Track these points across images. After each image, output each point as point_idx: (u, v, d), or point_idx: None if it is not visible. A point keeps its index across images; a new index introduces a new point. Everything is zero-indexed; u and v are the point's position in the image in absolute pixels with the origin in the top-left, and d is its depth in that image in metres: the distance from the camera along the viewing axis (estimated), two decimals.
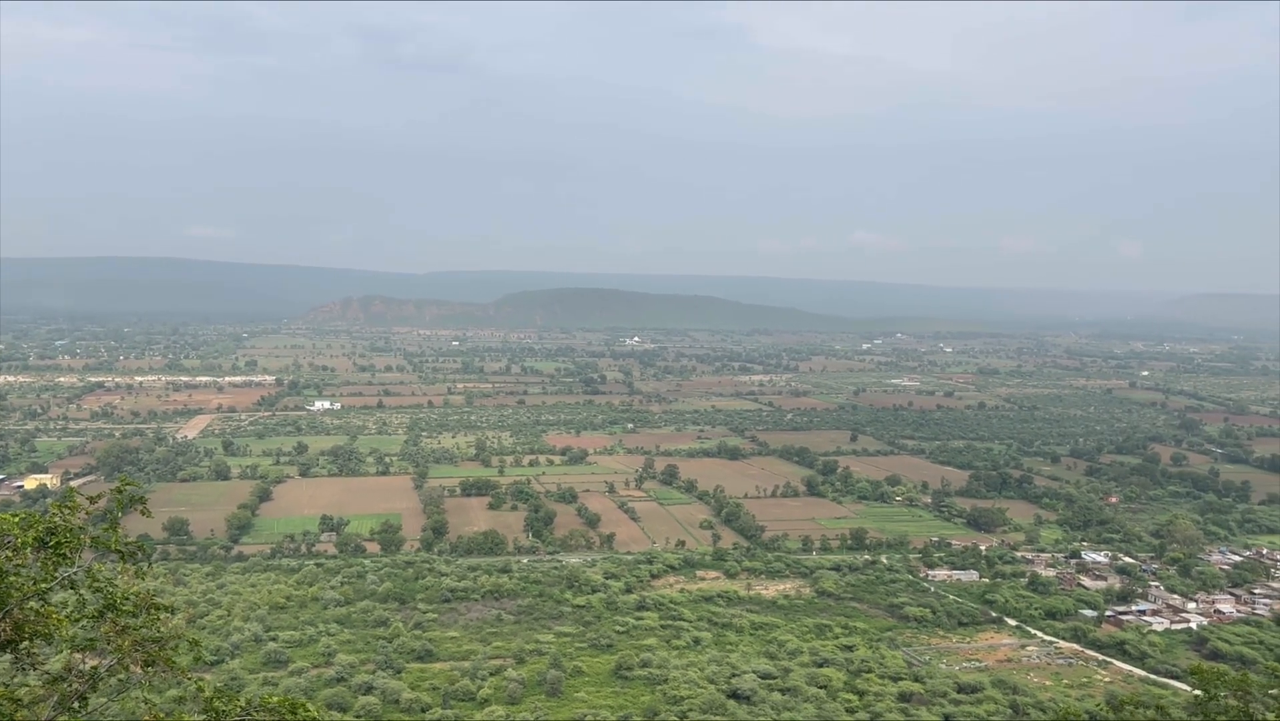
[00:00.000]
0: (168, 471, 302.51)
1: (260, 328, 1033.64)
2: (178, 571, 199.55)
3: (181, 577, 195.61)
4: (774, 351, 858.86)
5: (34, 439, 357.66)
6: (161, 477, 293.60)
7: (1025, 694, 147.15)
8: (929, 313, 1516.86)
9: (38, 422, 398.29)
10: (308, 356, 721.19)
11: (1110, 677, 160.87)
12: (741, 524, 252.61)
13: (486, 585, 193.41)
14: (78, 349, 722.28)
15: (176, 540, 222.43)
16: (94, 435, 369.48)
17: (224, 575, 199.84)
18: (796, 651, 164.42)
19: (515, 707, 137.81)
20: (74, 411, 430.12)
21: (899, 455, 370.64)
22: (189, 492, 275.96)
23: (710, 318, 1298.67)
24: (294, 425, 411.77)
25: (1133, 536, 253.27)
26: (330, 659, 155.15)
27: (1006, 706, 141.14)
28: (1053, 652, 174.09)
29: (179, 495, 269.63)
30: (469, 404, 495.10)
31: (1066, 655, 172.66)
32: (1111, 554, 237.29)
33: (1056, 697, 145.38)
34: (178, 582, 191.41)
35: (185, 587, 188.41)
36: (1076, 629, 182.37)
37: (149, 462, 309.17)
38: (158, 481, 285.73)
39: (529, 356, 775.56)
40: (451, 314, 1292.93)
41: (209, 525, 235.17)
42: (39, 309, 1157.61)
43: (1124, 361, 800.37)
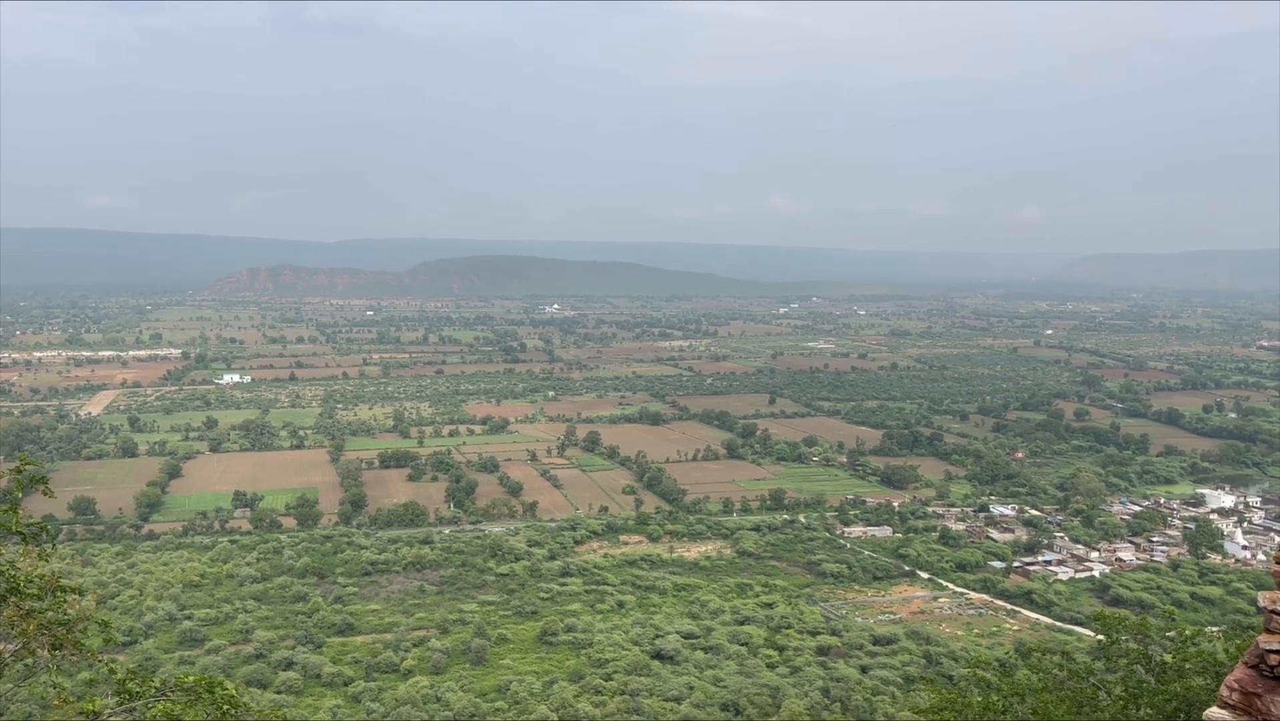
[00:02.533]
0: (71, 450, 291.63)
1: (164, 299, 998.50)
2: (85, 552, 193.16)
3: (90, 558, 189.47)
4: (693, 317, 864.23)
5: None
6: (65, 456, 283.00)
7: (938, 644, 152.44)
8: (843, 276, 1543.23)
9: None
10: (215, 329, 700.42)
11: (1018, 626, 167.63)
12: (663, 488, 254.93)
13: (408, 557, 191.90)
14: None
15: (83, 520, 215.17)
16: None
17: (134, 554, 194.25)
18: (719, 611, 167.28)
19: (440, 677, 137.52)
20: None
21: (816, 416, 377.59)
22: (95, 471, 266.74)
23: (629, 284, 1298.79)
24: (203, 400, 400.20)
25: (1038, 490, 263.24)
26: (248, 636, 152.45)
27: (920, 656, 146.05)
28: (964, 603, 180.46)
29: (84, 474, 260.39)
30: (385, 375, 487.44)
31: (977, 605, 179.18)
32: (1018, 507, 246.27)
33: (968, 647, 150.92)
34: (86, 563, 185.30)
35: (94, 568, 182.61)
36: (986, 580, 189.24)
37: (51, 441, 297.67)
38: (61, 460, 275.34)
39: (446, 326, 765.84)
40: (365, 283, 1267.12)
41: (117, 504, 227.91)
42: None
43: (1029, 321, 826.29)
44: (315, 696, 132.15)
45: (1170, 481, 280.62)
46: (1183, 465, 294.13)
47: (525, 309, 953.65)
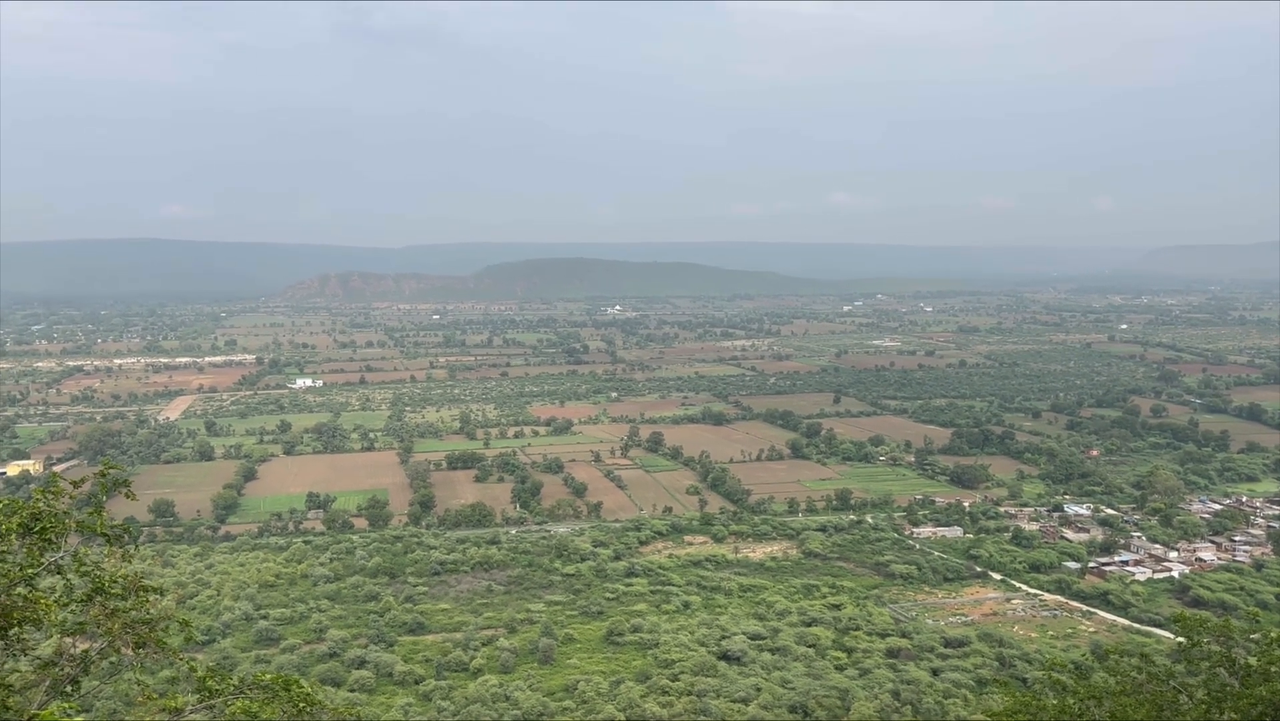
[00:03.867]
0: (151, 453, 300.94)
1: (238, 306, 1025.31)
2: (165, 553, 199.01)
3: (169, 559, 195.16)
4: (755, 316, 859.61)
5: (14, 425, 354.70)
6: (145, 460, 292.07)
7: (1011, 646, 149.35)
8: (908, 272, 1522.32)
9: (17, 409, 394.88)
10: (287, 334, 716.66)
11: (1094, 628, 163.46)
12: (727, 488, 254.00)
13: (476, 557, 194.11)
14: (55, 333, 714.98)
15: (163, 522, 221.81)
16: (75, 419, 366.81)
17: (212, 555, 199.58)
18: (785, 612, 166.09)
19: (508, 676, 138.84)
20: (54, 396, 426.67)
21: (882, 415, 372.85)
22: (173, 474, 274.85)
23: (690, 284, 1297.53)
24: (276, 404, 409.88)
25: (1114, 488, 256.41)
26: (322, 635, 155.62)
27: (993, 659, 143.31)
28: (1037, 605, 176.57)
29: (163, 477, 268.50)
30: (452, 377, 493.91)
31: (1051, 607, 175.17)
32: (1094, 506, 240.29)
33: (1042, 649, 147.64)
34: (166, 564, 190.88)
35: (173, 569, 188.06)
36: (1060, 581, 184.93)
37: (132, 445, 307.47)
38: (141, 464, 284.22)
39: (511, 328, 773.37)
40: (431, 288, 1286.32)
41: (195, 506, 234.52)
42: (14, 295, 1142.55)
43: (1103, 315, 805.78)
44: (387, 695, 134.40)
45: (1253, 479, 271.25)
46: (1266, 462, 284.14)
47: (587, 310, 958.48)
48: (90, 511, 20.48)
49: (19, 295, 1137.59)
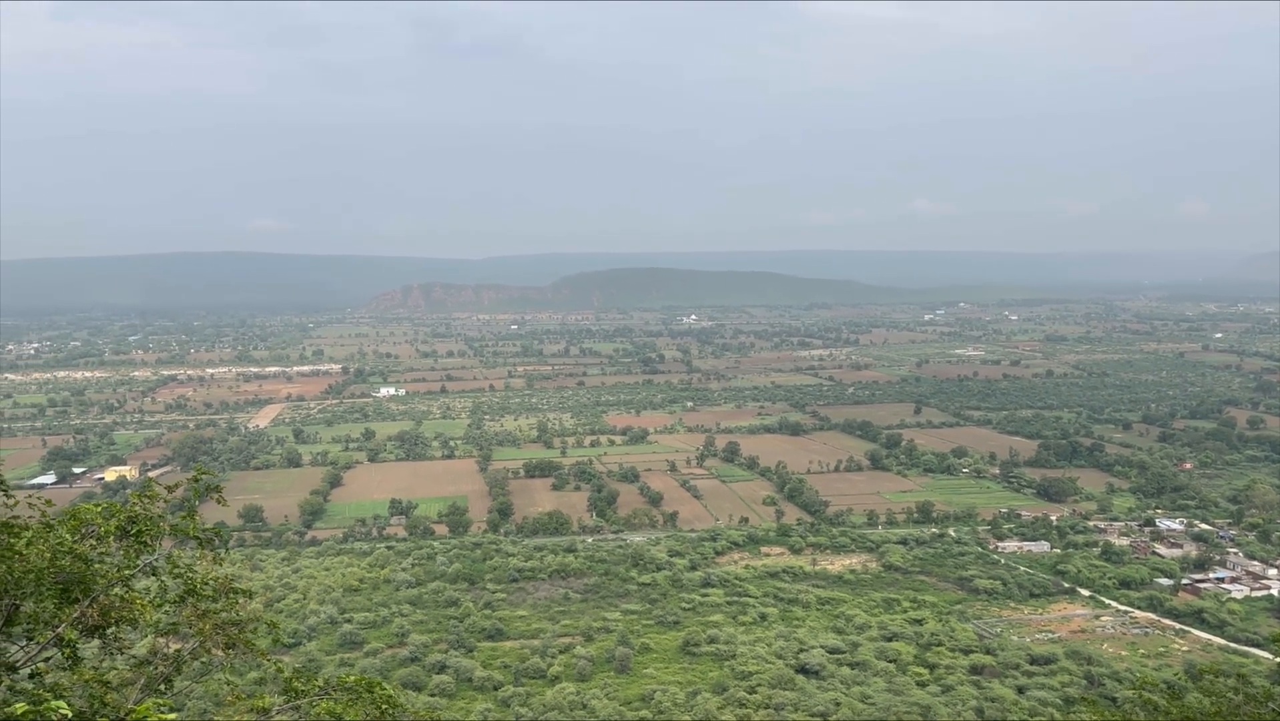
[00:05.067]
0: (241, 460, 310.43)
1: (325, 317, 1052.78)
2: (254, 557, 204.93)
3: (258, 563, 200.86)
4: (833, 325, 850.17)
5: (112, 432, 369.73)
6: (235, 466, 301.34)
7: (1100, 664, 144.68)
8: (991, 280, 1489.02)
9: (115, 416, 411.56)
10: (372, 344, 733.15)
11: (1188, 646, 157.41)
12: (805, 499, 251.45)
13: (553, 564, 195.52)
14: (150, 343, 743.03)
15: (252, 526, 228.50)
16: (169, 427, 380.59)
17: (299, 559, 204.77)
18: (865, 626, 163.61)
19: (585, 684, 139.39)
20: (149, 404, 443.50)
21: (965, 426, 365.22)
22: (262, 480, 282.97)
23: (766, 293, 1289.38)
24: (361, 412, 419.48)
25: (1209, 502, 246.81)
26: (404, 639, 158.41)
27: (1081, 677, 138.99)
28: (1128, 622, 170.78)
29: (253, 483, 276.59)
30: (529, 386, 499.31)
31: (1142, 624, 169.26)
32: (1187, 521, 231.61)
33: (1133, 667, 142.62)
34: (254, 568, 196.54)
35: (262, 572, 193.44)
36: (1152, 598, 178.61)
37: (223, 452, 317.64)
38: (232, 470, 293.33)
39: (587, 338, 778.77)
40: (509, 298, 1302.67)
41: (283, 511, 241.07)
42: (113, 306, 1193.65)
43: (1196, 324, 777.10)
44: (467, 700, 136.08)
45: None
46: None
47: (663, 320, 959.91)
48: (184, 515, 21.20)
49: (117, 306, 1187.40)
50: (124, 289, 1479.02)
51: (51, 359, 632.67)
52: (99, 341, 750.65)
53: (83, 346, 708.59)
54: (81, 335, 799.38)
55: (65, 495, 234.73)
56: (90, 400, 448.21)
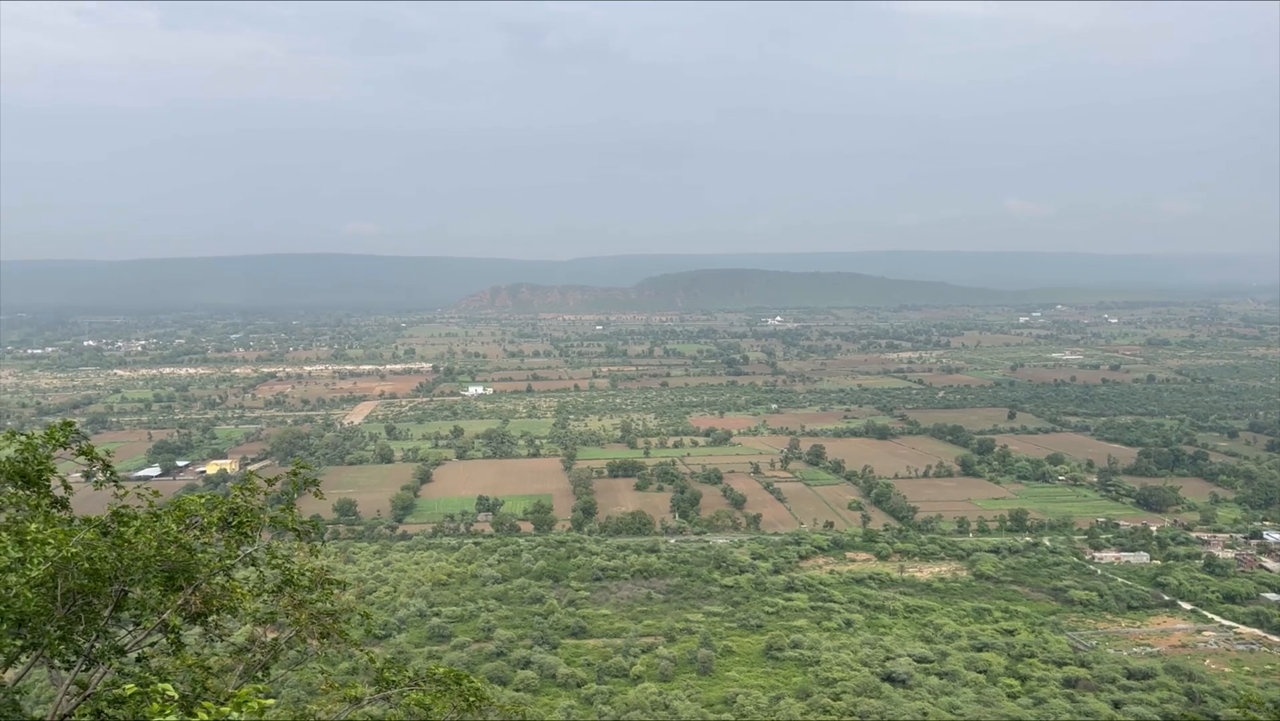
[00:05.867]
0: (336, 455, 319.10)
1: (416, 317, 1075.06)
2: (347, 549, 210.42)
3: (351, 555, 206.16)
4: (923, 327, 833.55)
5: (214, 427, 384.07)
6: (330, 461, 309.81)
7: (1202, 681, 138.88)
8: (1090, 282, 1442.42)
9: (217, 411, 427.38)
10: (461, 344, 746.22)
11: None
12: (892, 505, 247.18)
13: (636, 564, 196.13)
14: (251, 342, 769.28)
15: (345, 520, 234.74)
16: (268, 422, 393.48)
17: (390, 553, 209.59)
18: (954, 635, 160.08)
19: (668, 685, 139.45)
20: (249, 400, 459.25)
21: (1061, 432, 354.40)
22: (356, 475, 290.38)
23: (854, 295, 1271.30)
24: (450, 410, 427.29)
25: None
26: (490, 634, 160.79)
27: (1181, 693, 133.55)
28: (1232, 638, 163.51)
29: (347, 478, 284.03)
30: (614, 387, 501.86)
31: (1247, 640, 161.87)
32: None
33: (1237, 685, 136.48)
34: (347, 560, 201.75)
35: (354, 565, 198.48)
36: (1259, 613, 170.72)
37: (319, 447, 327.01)
38: (327, 465, 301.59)
39: (671, 339, 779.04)
40: (595, 299, 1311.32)
41: (375, 506, 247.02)
42: (216, 305, 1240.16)
43: None
44: (551, 696, 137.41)
45: None
46: None
47: (748, 321, 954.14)
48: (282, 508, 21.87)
49: (220, 306, 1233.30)
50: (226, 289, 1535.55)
51: (158, 356, 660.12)
52: (202, 339, 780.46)
53: (187, 344, 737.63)
54: (186, 333, 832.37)
55: (169, 487, 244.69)
56: (194, 396, 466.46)
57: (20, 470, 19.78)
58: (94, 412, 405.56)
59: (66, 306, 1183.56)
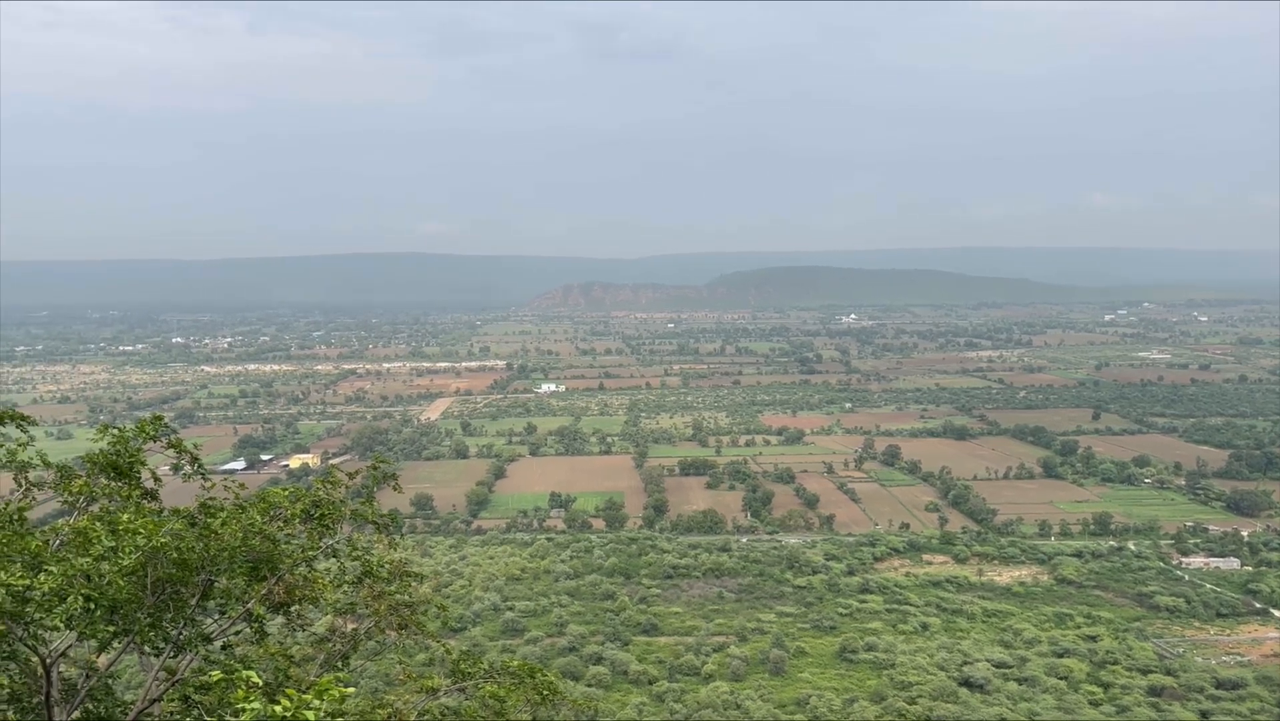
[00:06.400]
0: (413, 451, 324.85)
1: (491, 315, 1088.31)
2: (424, 543, 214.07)
3: (428, 549, 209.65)
4: (1003, 325, 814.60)
5: (296, 422, 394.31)
6: (408, 456, 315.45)
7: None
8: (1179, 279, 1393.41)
9: (299, 407, 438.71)
10: (534, 342, 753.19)
11: None
12: (970, 506, 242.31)
13: (707, 563, 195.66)
14: (332, 339, 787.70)
15: (422, 514, 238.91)
16: (348, 418, 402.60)
17: (465, 547, 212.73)
18: (1034, 640, 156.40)
19: (739, 684, 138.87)
20: (330, 396, 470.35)
21: (1148, 434, 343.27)
22: (432, 470, 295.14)
23: (931, 292, 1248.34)
24: (524, 407, 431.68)
25: None
26: (562, 629, 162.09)
27: (1274, 704, 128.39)
28: None
29: (423, 473, 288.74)
30: (685, 385, 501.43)
31: None
32: None
33: None
34: (424, 554, 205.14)
35: (431, 559, 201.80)
36: None
37: (397, 443, 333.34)
38: (405, 460, 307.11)
39: (743, 337, 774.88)
40: (666, 297, 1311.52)
41: (450, 501, 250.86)
42: (299, 304, 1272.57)
43: None
44: (622, 692, 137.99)
45: None
46: None
47: (821, 319, 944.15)
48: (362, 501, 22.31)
49: (302, 304, 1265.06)
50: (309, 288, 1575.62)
51: (243, 353, 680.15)
52: (286, 337, 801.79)
53: (271, 342, 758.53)
54: (270, 331, 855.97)
55: (254, 480, 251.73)
56: (277, 392, 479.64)
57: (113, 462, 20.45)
58: (182, 408, 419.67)
59: (157, 304, 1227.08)
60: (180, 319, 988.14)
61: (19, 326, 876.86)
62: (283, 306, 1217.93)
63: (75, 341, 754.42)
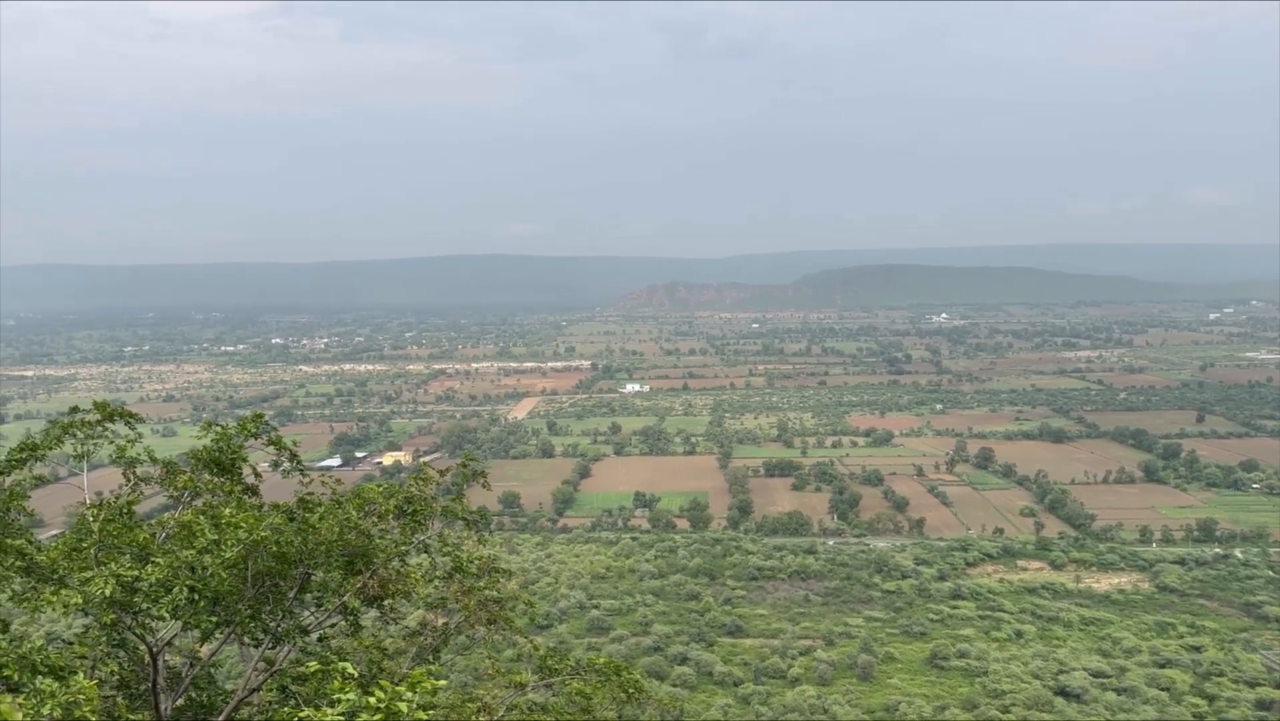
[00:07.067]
0: (500, 449, 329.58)
1: (576, 316, 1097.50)
2: (511, 540, 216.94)
3: (514, 546, 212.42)
4: (1103, 325, 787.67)
5: (389, 420, 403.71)
6: (495, 455, 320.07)
7: None
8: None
9: (392, 406, 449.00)
10: (618, 342, 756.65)
11: None
12: (1067, 511, 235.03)
13: (793, 565, 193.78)
14: (423, 340, 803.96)
15: (509, 512, 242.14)
16: (438, 417, 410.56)
17: (551, 545, 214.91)
18: (1134, 650, 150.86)
19: (826, 689, 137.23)
20: (421, 396, 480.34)
21: (1256, 437, 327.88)
22: (519, 469, 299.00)
23: (1025, 290, 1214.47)
24: (608, 407, 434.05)
25: None
26: (647, 628, 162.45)
27: None
28: None
29: (510, 471, 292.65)
30: (770, 385, 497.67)
31: None
32: None
33: None
34: (511, 551, 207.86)
35: (518, 556, 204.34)
36: None
37: (485, 441, 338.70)
38: (492, 458, 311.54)
39: (829, 337, 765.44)
40: (751, 296, 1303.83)
41: (536, 499, 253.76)
42: (392, 305, 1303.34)
43: None
44: (707, 693, 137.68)
45: None
46: None
47: (910, 319, 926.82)
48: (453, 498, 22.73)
49: (395, 305, 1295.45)
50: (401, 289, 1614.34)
51: (339, 353, 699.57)
52: (379, 338, 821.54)
53: (365, 342, 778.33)
54: (364, 332, 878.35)
55: (349, 477, 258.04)
56: (371, 391, 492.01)
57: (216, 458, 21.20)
58: (280, 406, 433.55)
59: (257, 306, 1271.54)
60: (279, 320, 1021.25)
61: (128, 328, 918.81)
62: (377, 308, 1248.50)
63: (180, 342, 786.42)
